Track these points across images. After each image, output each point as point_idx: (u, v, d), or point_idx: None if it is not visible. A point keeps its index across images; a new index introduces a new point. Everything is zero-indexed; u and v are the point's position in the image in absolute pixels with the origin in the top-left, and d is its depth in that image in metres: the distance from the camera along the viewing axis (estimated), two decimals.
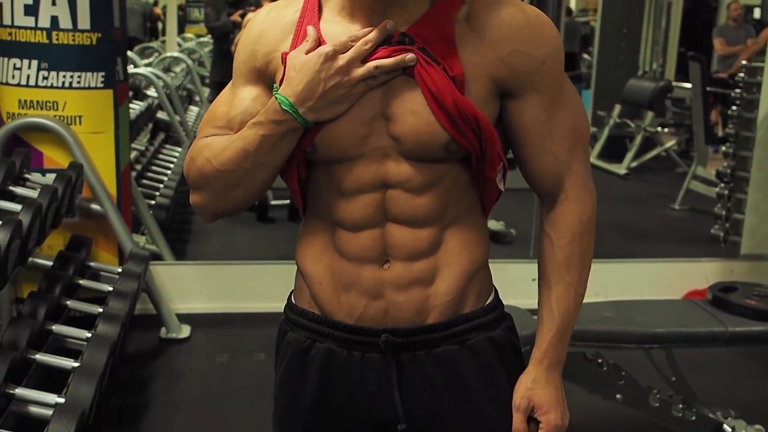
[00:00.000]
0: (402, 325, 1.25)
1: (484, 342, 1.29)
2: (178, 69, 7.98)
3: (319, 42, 1.18)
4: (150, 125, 6.02)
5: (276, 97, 1.18)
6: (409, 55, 1.16)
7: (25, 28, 3.25)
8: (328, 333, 1.28)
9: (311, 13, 1.24)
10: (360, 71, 1.16)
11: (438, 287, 1.25)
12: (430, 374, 1.27)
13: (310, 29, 1.20)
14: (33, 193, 2.87)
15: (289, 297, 1.38)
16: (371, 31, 1.17)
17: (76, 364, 2.39)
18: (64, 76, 3.31)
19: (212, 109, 1.31)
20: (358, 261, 1.24)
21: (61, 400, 2.21)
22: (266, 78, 1.26)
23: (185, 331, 3.68)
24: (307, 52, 1.17)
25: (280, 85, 1.19)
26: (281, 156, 1.22)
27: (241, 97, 1.28)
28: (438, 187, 1.23)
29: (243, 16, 6.69)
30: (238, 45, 1.31)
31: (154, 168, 5.61)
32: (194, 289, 3.98)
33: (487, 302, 1.32)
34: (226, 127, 1.27)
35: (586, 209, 1.29)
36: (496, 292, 1.36)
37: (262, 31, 1.27)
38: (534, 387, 1.29)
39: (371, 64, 1.16)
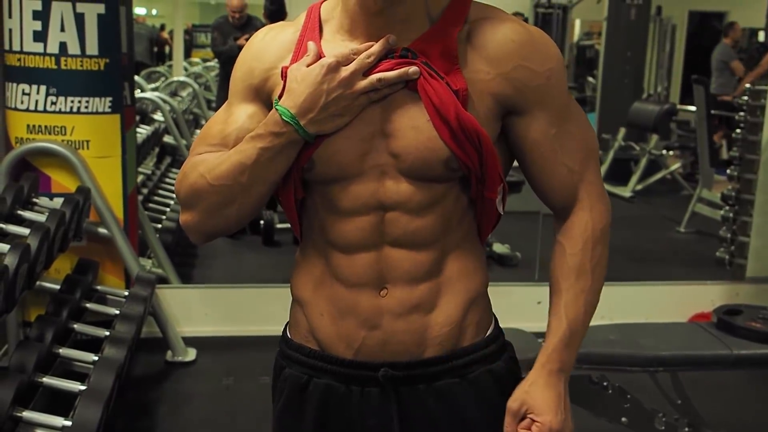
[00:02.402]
0: (401, 358, 1.23)
1: (485, 375, 1.26)
2: (184, 93, 8.03)
3: (319, 56, 1.16)
4: (156, 149, 6.06)
5: (276, 109, 1.16)
6: (413, 68, 1.15)
7: (34, 53, 3.28)
8: (326, 368, 1.25)
9: (311, 32, 1.23)
10: (363, 83, 1.14)
11: (437, 317, 1.23)
12: (431, 408, 1.24)
13: (311, 44, 1.19)
14: (41, 217, 2.89)
15: (284, 331, 1.35)
16: (373, 44, 1.16)
17: (83, 387, 2.39)
18: (72, 102, 3.34)
19: (206, 127, 1.29)
20: (355, 287, 1.22)
21: (68, 423, 2.22)
22: (263, 95, 1.24)
23: (191, 354, 3.68)
24: (309, 66, 1.16)
25: (280, 99, 1.17)
26: (279, 171, 1.19)
27: (237, 114, 1.26)
28: (438, 209, 1.20)
29: (249, 40, 6.71)
30: (236, 63, 1.29)
31: (161, 192, 5.64)
32: (200, 312, 3.98)
33: (488, 333, 1.29)
34: (221, 144, 1.24)
35: (601, 219, 1.26)
36: (496, 321, 1.33)
37: (260, 49, 1.26)
38: (530, 390, 1.22)
39: (374, 76, 1.15)
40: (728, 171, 4.64)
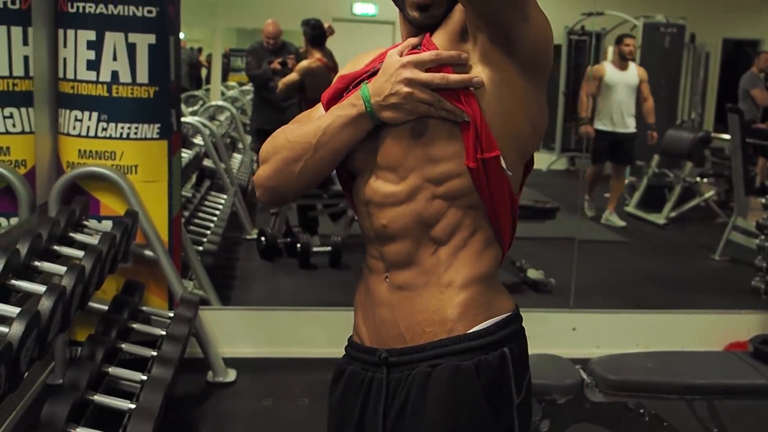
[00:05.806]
0: (396, 344, 1.36)
1: (451, 371, 1.31)
2: (222, 117, 8.15)
3: (413, 48, 1.35)
4: (196, 172, 6.17)
5: (362, 85, 1.36)
6: (477, 78, 1.29)
7: (87, 81, 3.40)
8: (356, 356, 1.44)
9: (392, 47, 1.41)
10: (418, 94, 1.29)
11: (419, 304, 1.34)
12: (408, 394, 1.34)
13: (412, 39, 1.38)
14: (92, 240, 2.98)
15: None
16: (443, 52, 1.31)
17: (133, 406, 2.47)
18: (122, 128, 3.45)
19: (295, 119, 1.50)
20: (373, 273, 1.41)
21: None
22: None
23: (231, 375, 3.75)
24: (400, 54, 1.34)
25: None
26: (344, 140, 1.36)
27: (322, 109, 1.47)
28: (409, 205, 1.35)
29: (282, 64, 6.80)
30: (338, 74, 1.48)
31: (201, 214, 5.74)
32: (240, 334, 4.06)
33: (474, 329, 1.33)
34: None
35: None
36: (507, 320, 1.37)
37: (356, 59, 1.48)
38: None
39: (437, 75, 1.29)
40: (763, 200, 4.64)
